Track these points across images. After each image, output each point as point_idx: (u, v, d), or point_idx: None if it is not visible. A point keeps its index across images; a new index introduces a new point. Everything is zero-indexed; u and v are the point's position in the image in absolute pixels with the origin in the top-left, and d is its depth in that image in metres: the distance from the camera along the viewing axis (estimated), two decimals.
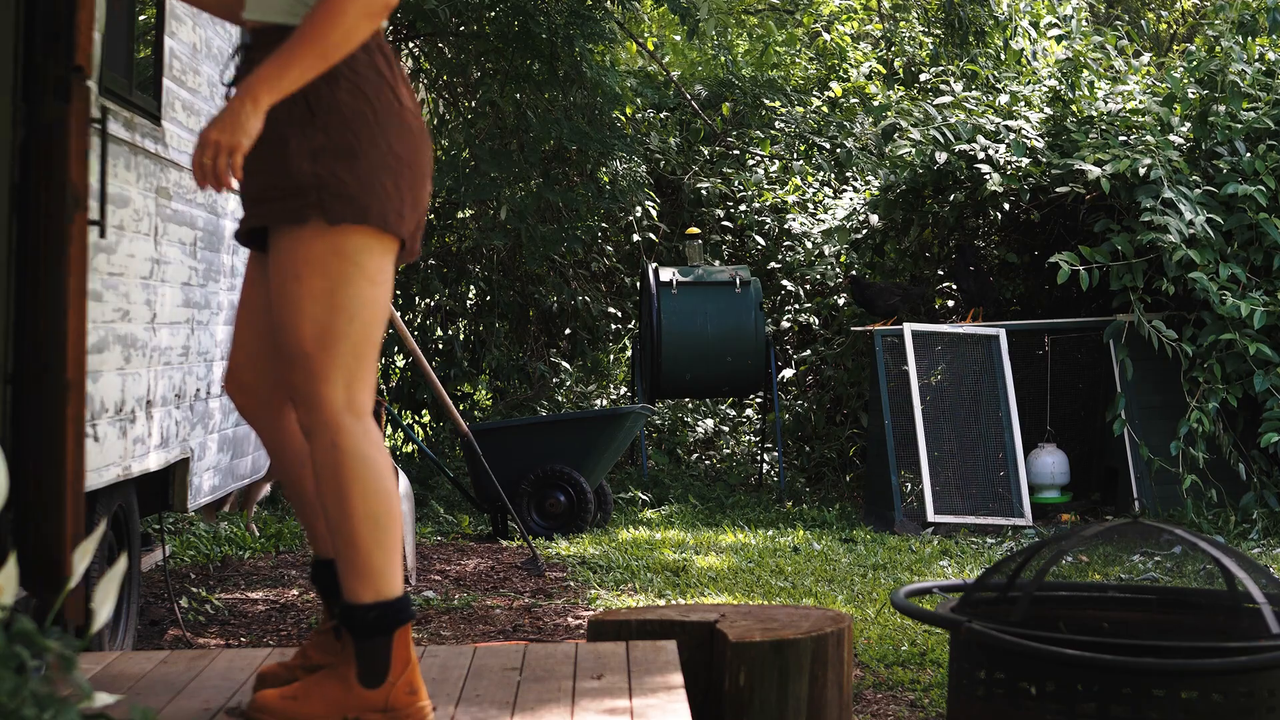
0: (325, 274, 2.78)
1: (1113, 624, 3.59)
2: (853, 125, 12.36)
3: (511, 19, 10.44)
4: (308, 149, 2.77)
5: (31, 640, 2.02)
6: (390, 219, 2.82)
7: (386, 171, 2.79)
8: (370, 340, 2.84)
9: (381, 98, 2.80)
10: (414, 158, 2.84)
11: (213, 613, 6.11)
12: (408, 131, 2.83)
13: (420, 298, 11.63)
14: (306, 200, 2.76)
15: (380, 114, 2.79)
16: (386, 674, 2.83)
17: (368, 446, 2.80)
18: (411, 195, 2.85)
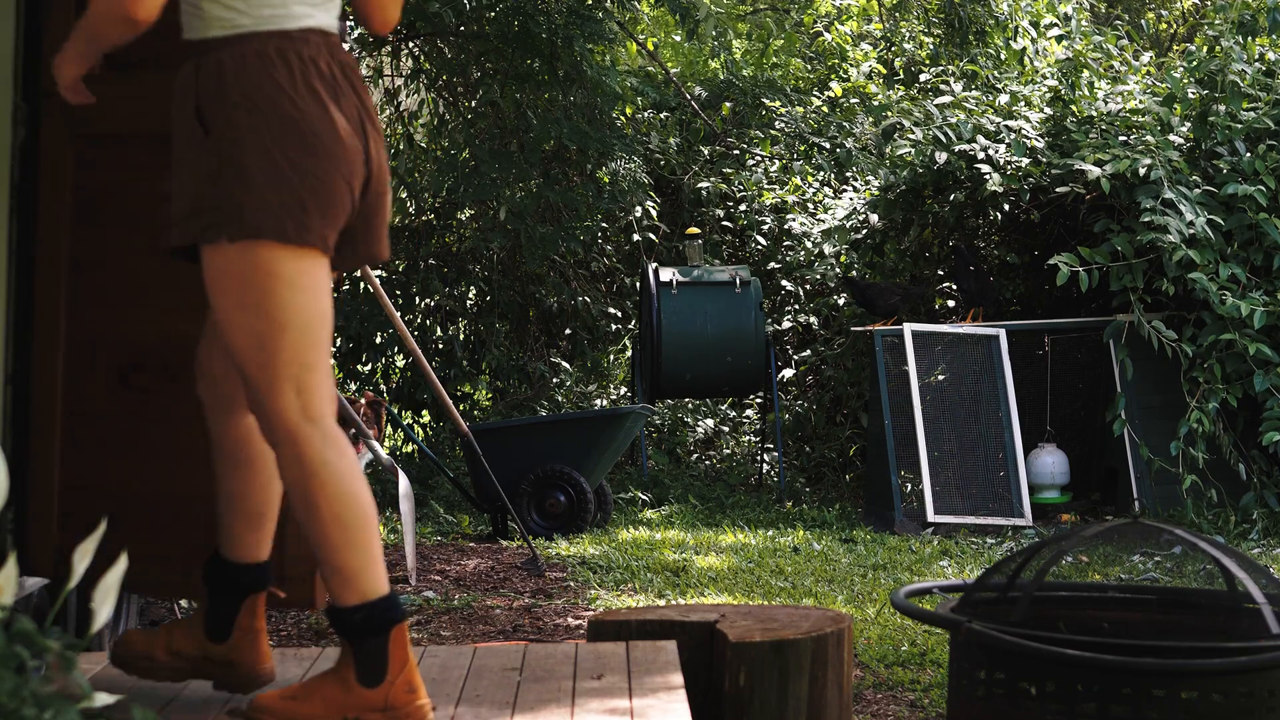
0: (246, 288, 2.83)
1: (1113, 624, 3.60)
2: (853, 125, 12.36)
3: (511, 19, 10.44)
4: (204, 171, 2.83)
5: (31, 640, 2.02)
6: (290, 231, 2.82)
7: (284, 184, 2.81)
8: (312, 344, 2.87)
9: (278, 111, 2.82)
10: (317, 166, 2.84)
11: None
12: (312, 140, 2.84)
13: (420, 298, 11.62)
14: (206, 221, 2.82)
15: (275, 127, 2.81)
16: (385, 673, 2.85)
17: (328, 451, 2.84)
18: (318, 203, 2.85)
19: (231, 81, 2.82)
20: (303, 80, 2.85)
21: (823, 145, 12.38)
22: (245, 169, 2.81)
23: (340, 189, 2.88)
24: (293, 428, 2.84)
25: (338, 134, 2.87)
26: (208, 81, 2.85)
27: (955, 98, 10.38)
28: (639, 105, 12.19)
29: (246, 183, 2.81)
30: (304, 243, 2.84)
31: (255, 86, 2.82)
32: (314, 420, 2.85)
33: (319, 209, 2.85)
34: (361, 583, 2.86)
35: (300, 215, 2.83)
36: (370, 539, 2.87)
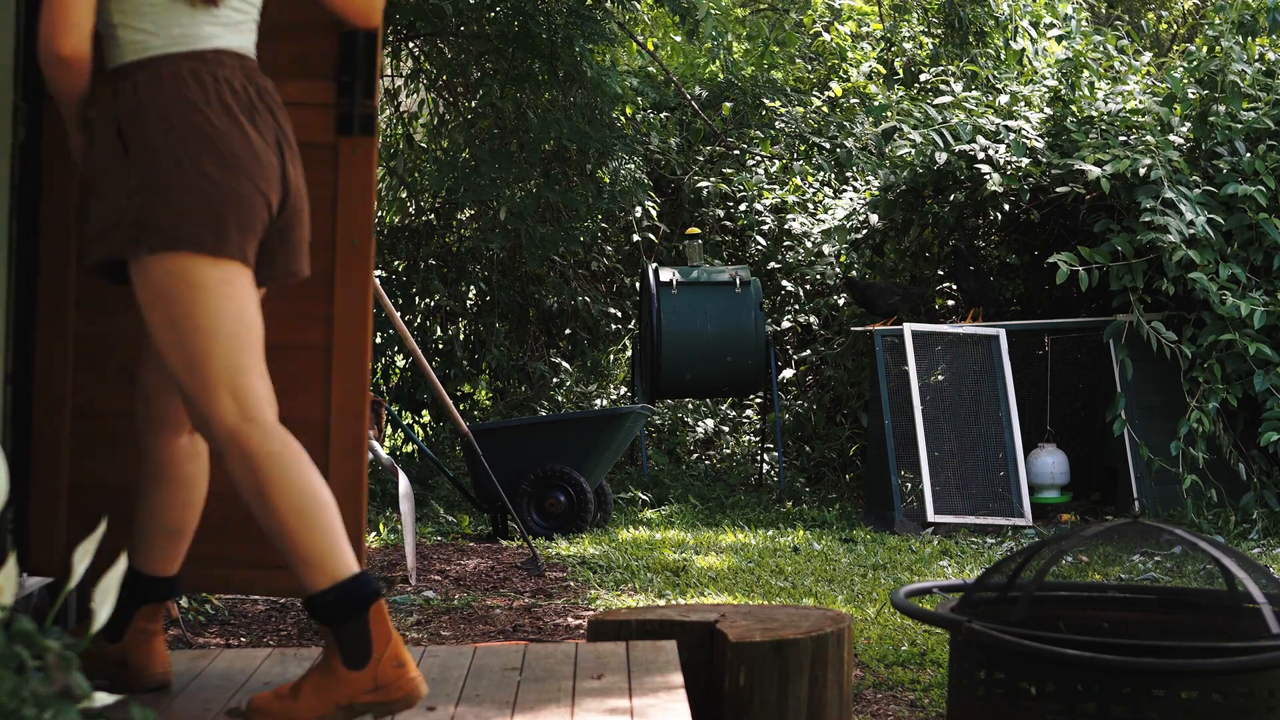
0: (172, 301, 2.93)
1: (1113, 624, 3.60)
2: (853, 125, 12.36)
3: (512, 19, 10.44)
4: (125, 188, 2.94)
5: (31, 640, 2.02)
6: (209, 242, 2.92)
7: (201, 197, 2.92)
8: (242, 350, 2.95)
9: (193, 127, 2.94)
10: (232, 179, 2.94)
11: (213, 613, 6.11)
12: (227, 156, 2.95)
13: (420, 298, 11.63)
14: (128, 236, 2.93)
15: (190, 143, 2.93)
16: (370, 653, 2.89)
17: (270, 444, 2.92)
18: (235, 216, 2.94)
19: (148, 102, 2.95)
20: (216, 98, 2.97)
21: (823, 145, 12.38)
22: (163, 184, 2.92)
23: (256, 202, 2.98)
24: (232, 429, 2.92)
25: (253, 149, 2.98)
26: (125, 103, 2.97)
27: (955, 98, 10.39)
28: (639, 105, 12.19)
29: (165, 197, 2.91)
30: (222, 254, 2.93)
31: (170, 105, 2.94)
32: (253, 419, 2.92)
33: (236, 221, 2.95)
34: (329, 565, 2.90)
35: (218, 227, 2.92)
36: (330, 522, 2.92)
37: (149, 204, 2.91)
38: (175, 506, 3.17)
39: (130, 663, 3.21)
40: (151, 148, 2.92)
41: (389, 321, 10.26)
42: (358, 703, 2.89)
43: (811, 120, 12.64)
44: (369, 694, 2.88)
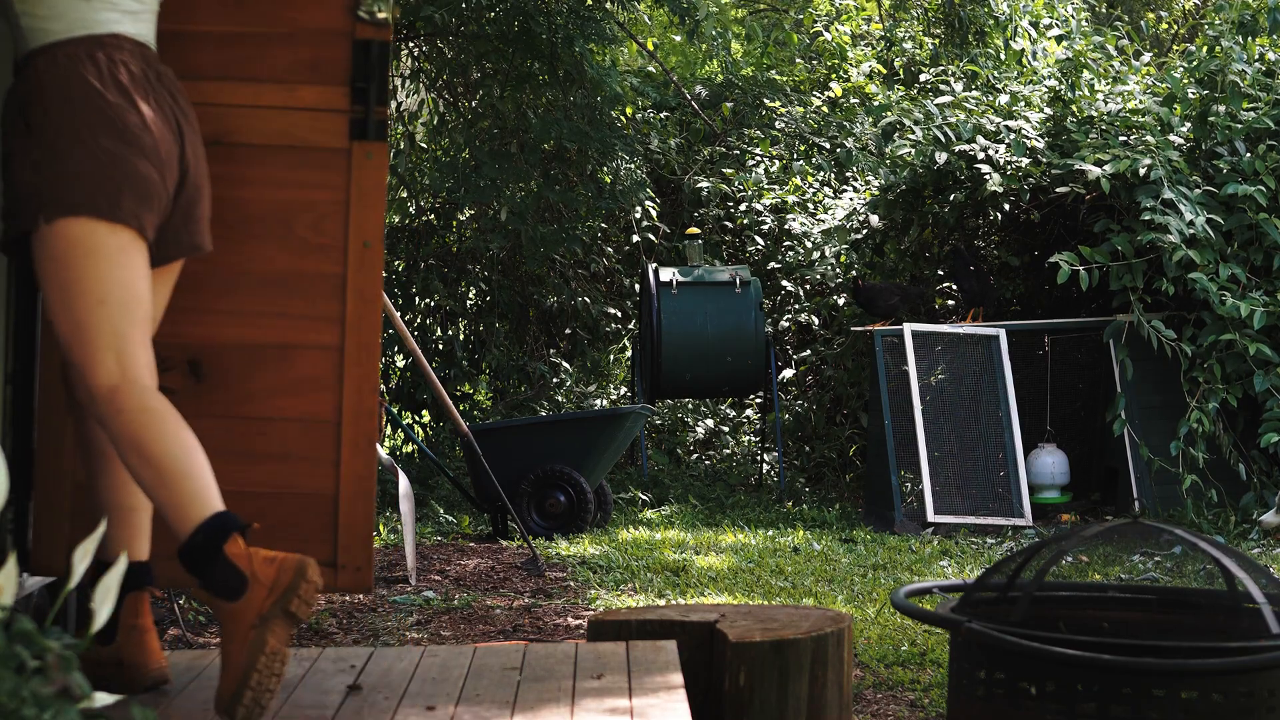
0: (65, 266, 3.02)
1: (1113, 624, 3.60)
2: (853, 125, 12.36)
3: (512, 19, 10.44)
4: (29, 162, 3.06)
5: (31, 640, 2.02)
6: (103, 207, 3.02)
7: (95, 166, 3.03)
8: (131, 317, 3.04)
9: (89, 102, 3.05)
10: (126, 151, 3.05)
11: (213, 613, 6.11)
12: (121, 129, 3.05)
13: (420, 298, 11.63)
14: (29, 208, 3.05)
15: (87, 116, 3.05)
16: (243, 580, 2.92)
17: (148, 400, 3.01)
18: (130, 186, 3.05)
19: (46, 80, 3.08)
20: (110, 76, 3.09)
21: (823, 145, 12.38)
22: (60, 154, 3.04)
23: (151, 175, 3.08)
24: (112, 387, 2.99)
25: (146, 125, 3.09)
26: (28, 84, 3.10)
27: (955, 98, 10.39)
28: (639, 105, 12.19)
29: (62, 166, 3.04)
30: (117, 219, 3.04)
31: (66, 81, 3.07)
32: (132, 380, 3.01)
33: (131, 191, 3.05)
34: (197, 506, 2.97)
35: (114, 195, 3.03)
36: (199, 466, 3.00)
37: (46, 174, 3.03)
38: (121, 482, 3.20)
39: (126, 662, 3.22)
40: (52, 123, 3.05)
41: (389, 321, 10.26)
42: (265, 612, 2.90)
43: (811, 120, 12.64)
44: (269, 599, 2.91)
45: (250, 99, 3.47)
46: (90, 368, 2.99)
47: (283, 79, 3.16)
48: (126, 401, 2.97)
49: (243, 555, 2.93)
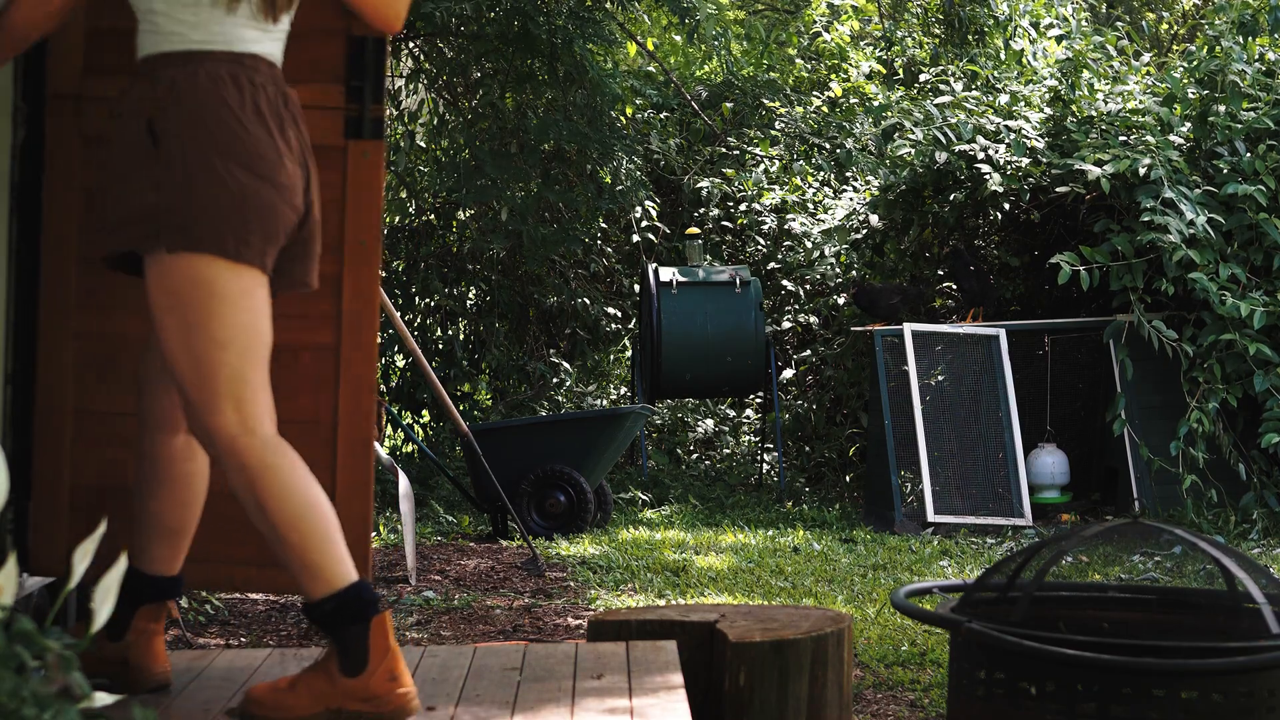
0: (187, 306, 2.91)
1: (1113, 624, 3.60)
2: (853, 125, 12.36)
3: (512, 19, 10.44)
4: (150, 180, 2.92)
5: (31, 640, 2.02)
6: (230, 246, 2.90)
7: (227, 199, 2.90)
8: (251, 364, 2.95)
9: (226, 129, 2.92)
10: (260, 187, 2.93)
11: (213, 613, 6.11)
12: (257, 161, 2.93)
13: (420, 298, 11.63)
14: (146, 230, 2.92)
15: (222, 145, 2.91)
16: (365, 663, 2.92)
17: (270, 455, 2.93)
18: (260, 222, 2.93)
19: (183, 98, 2.92)
20: (251, 104, 2.95)
21: (823, 146, 12.38)
22: (190, 182, 2.89)
23: (282, 211, 2.97)
24: (231, 440, 2.93)
25: (280, 158, 2.97)
26: (161, 97, 2.94)
27: (955, 98, 10.39)
28: (639, 105, 12.19)
29: (191, 196, 2.89)
30: (243, 259, 2.91)
31: (205, 105, 2.92)
32: (252, 431, 2.93)
33: (260, 228, 2.93)
34: (326, 575, 2.93)
35: (243, 232, 2.91)
36: (328, 531, 2.94)
37: (174, 201, 2.89)
38: (175, 505, 3.17)
39: (131, 663, 3.20)
40: (182, 145, 2.90)
41: (389, 321, 10.26)
42: (347, 709, 2.91)
43: (811, 121, 12.64)
44: (360, 703, 2.91)
45: None
46: (208, 412, 2.92)
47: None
48: (248, 458, 2.91)
49: (381, 645, 2.94)
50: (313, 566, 2.92)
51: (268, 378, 2.99)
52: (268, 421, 2.96)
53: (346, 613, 2.92)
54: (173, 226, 2.89)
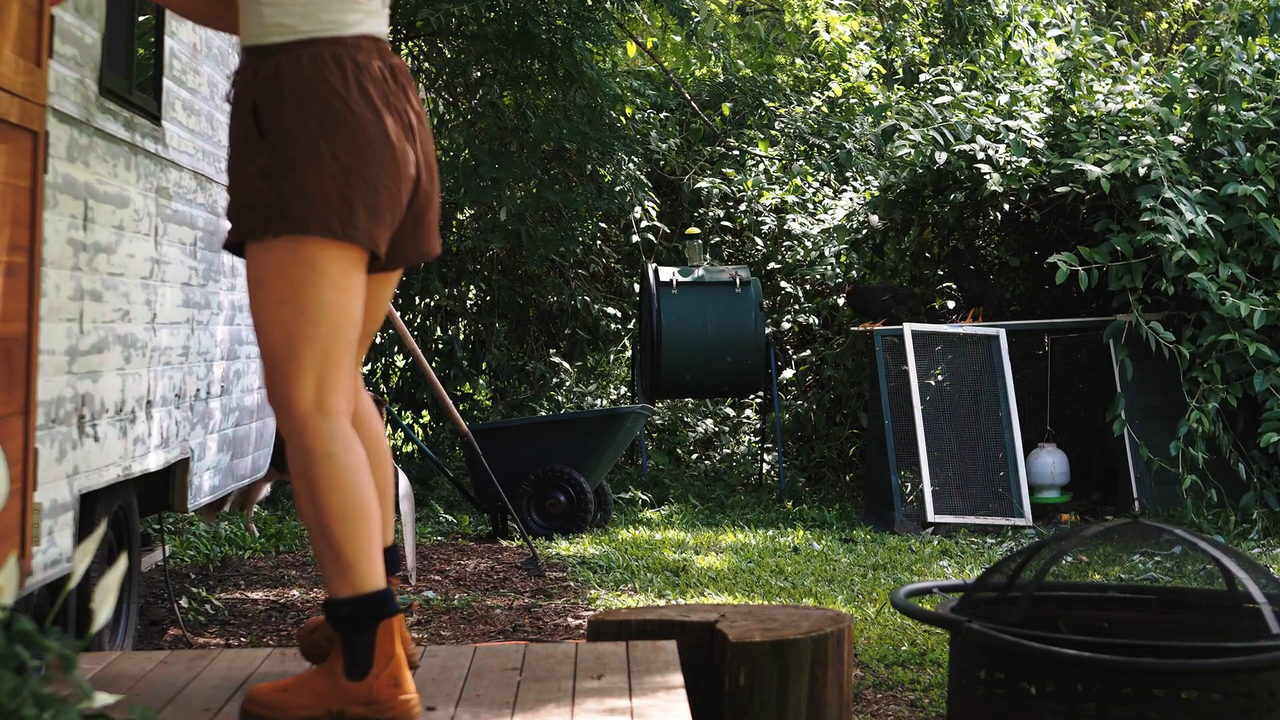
0: (287, 280, 2.91)
1: (1113, 624, 3.59)
2: (852, 126, 12.36)
3: (512, 20, 10.44)
4: (257, 168, 2.92)
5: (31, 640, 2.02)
6: (336, 227, 2.90)
7: (333, 183, 2.90)
8: (339, 343, 2.94)
9: (332, 112, 2.91)
10: (366, 167, 2.92)
11: (213, 613, 6.11)
12: (363, 143, 2.93)
13: (420, 298, 11.63)
14: (256, 217, 2.92)
15: (326, 127, 2.90)
16: (370, 667, 2.90)
17: (334, 445, 2.91)
18: (366, 204, 2.93)
19: (288, 84, 2.92)
20: (356, 84, 2.94)
21: (823, 146, 12.38)
22: (297, 167, 2.90)
23: (389, 191, 2.96)
24: (305, 418, 2.91)
25: (388, 138, 2.95)
26: (265, 84, 2.93)
27: (955, 98, 10.38)
28: (639, 105, 12.19)
29: (297, 180, 2.89)
30: (350, 239, 2.91)
31: (310, 89, 2.91)
32: (326, 413, 2.92)
33: (366, 208, 2.93)
34: (355, 576, 2.92)
35: (347, 213, 2.91)
36: (369, 534, 2.93)
37: (280, 186, 2.89)
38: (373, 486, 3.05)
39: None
40: (288, 131, 2.90)
41: (389, 321, 10.26)
42: (348, 713, 2.90)
43: (811, 121, 12.64)
44: (361, 706, 2.89)
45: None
46: (290, 385, 2.91)
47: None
48: (314, 441, 2.90)
49: (386, 650, 2.91)
50: (344, 564, 2.91)
51: (352, 361, 2.98)
52: (344, 409, 2.94)
53: (363, 619, 2.90)
54: (282, 212, 2.89)
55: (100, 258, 4.17)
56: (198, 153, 5.32)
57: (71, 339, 3.92)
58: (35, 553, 3.67)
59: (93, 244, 4.08)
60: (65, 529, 3.89)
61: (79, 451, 4.00)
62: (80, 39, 3.96)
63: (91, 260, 4.07)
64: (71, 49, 3.89)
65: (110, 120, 4.22)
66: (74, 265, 3.93)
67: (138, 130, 4.53)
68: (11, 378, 3.52)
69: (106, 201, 4.21)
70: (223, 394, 5.77)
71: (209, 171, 5.49)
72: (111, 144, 4.25)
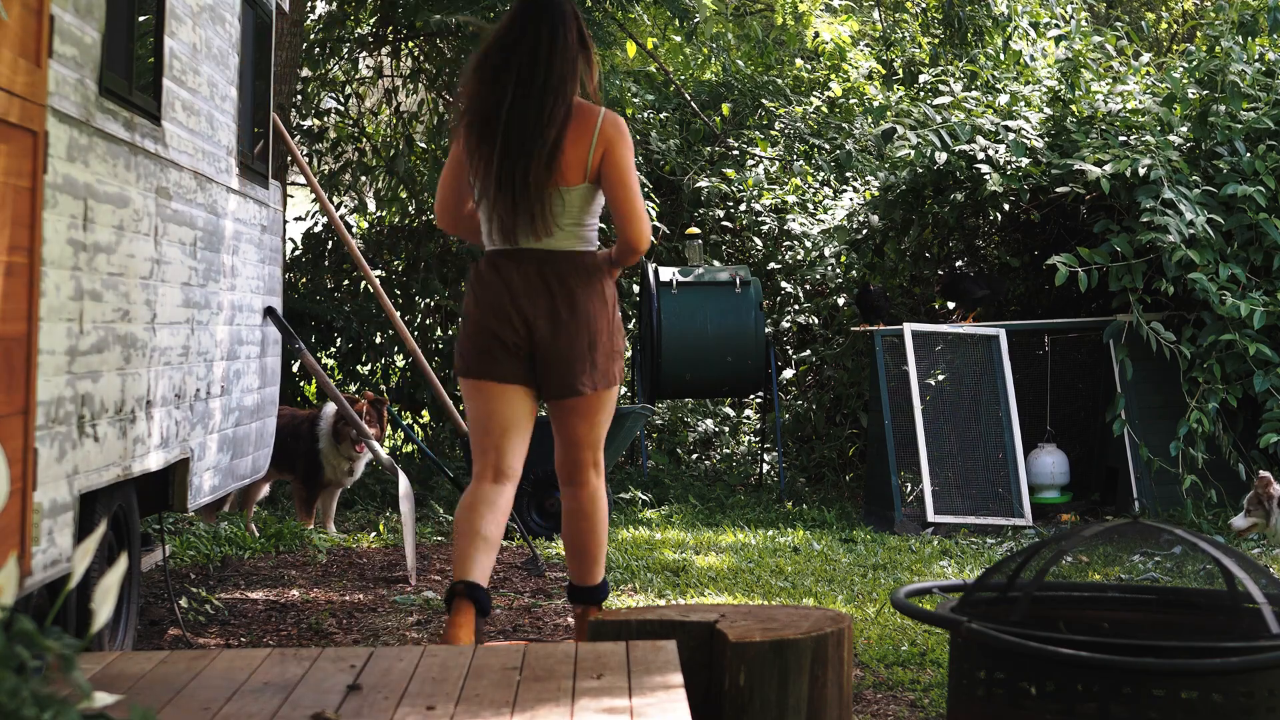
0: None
1: (1113, 624, 3.59)
2: (852, 126, 12.35)
3: None
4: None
5: (31, 640, 2.02)
6: (459, 365, 4.73)
7: (461, 335, 4.79)
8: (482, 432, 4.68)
9: (475, 286, 4.65)
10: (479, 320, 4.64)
11: (213, 613, 6.11)
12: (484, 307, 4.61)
13: (420, 298, 11.62)
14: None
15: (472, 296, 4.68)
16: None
17: (601, 491, 4.80)
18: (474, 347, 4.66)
19: (471, 273, 4.78)
20: (488, 265, 4.77)
21: (822, 146, 12.37)
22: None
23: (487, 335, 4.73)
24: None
25: (504, 304, 4.68)
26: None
27: (955, 98, 10.38)
28: (638, 106, 12.19)
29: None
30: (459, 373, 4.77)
31: (473, 277, 4.76)
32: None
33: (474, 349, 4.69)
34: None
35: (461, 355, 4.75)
36: (463, 543, 4.58)
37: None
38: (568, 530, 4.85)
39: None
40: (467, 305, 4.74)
41: (389, 321, 10.26)
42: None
43: (811, 121, 12.63)
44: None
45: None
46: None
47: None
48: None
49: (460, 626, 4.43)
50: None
51: (502, 442, 4.62)
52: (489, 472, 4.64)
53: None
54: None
55: (100, 258, 4.17)
56: (198, 153, 5.32)
57: (71, 339, 3.92)
58: (35, 553, 3.67)
59: (93, 244, 4.08)
60: (65, 529, 3.89)
61: (79, 451, 4.00)
62: (80, 39, 3.96)
63: (91, 260, 4.07)
64: (71, 49, 3.89)
65: (110, 120, 4.22)
66: (74, 265, 3.93)
67: (138, 130, 4.53)
68: (11, 378, 3.52)
69: (106, 201, 4.21)
70: (223, 394, 5.77)
71: (209, 171, 5.49)
72: (111, 144, 4.25)
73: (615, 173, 4.55)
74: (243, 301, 6.17)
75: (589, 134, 4.52)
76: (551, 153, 4.49)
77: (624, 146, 4.57)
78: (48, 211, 3.72)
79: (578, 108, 4.54)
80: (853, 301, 10.94)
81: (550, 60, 4.51)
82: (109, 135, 4.22)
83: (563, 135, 4.50)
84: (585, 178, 4.54)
